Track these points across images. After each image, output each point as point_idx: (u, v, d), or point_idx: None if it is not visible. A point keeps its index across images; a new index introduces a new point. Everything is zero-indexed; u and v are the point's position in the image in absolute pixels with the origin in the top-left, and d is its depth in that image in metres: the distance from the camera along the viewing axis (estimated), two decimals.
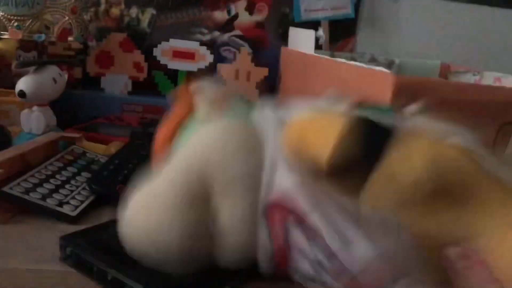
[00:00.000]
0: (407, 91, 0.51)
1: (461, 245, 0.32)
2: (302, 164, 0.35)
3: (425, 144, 0.32)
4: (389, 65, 0.95)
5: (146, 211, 0.37)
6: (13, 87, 0.65)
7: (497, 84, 0.87)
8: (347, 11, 0.94)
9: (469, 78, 0.92)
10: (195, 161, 0.37)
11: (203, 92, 0.43)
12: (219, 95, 0.43)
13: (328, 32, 0.94)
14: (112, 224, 0.45)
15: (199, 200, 0.36)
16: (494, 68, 0.89)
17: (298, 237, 0.34)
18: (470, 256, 0.32)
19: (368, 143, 0.32)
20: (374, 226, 0.32)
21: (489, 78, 0.88)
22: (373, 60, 0.94)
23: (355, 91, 0.59)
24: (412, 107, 0.39)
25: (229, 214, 0.36)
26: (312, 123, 0.37)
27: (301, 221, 0.33)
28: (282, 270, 0.37)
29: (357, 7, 0.99)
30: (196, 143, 0.39)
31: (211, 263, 0.38)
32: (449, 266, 0.32)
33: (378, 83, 0.53)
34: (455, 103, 0.52)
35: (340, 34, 1.00)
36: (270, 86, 0.94)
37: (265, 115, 0.40)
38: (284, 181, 0.35)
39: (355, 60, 0.92)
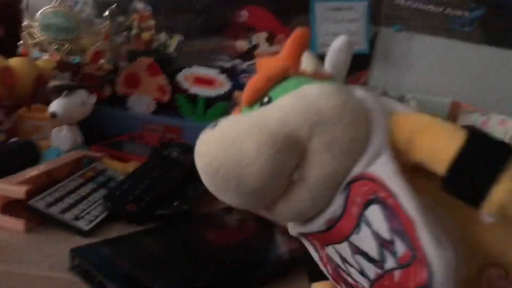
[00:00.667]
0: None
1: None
2: (403, 158, 0.36)
3: None
4: (400, 100, 0.99)
5: (235, 134, 0.37)
6: (48, 103, 0.73)
7: (502, 127, 0.90)
8: (362, 47, 0.99)
9: (477, 119, 0.96)
10: (309, 110, 0.37)
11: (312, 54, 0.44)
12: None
13: None
14: (119, 240, 0.52)
15: (297, 145, 0.37)
16: (503, 109, 0.92)
17: (376, 216, 0.34)
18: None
19: (487, 160, 0.32)
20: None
21: (495, 121, 0.91)
22: (384, 95, 0.99)
23: None
24: None
25: (316, 171, 0.37)
26: (431, 123, 0.36)
27: (391, 205, 0.33)
28: (333, 238, 0.38)
29: (372, 42, 1.04)
30: (313, 94, 0.38)
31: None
32: (486, 286, 0.35)
33: None
34: None
35: (355, 67, 1.05)
36: None
37: (374, 99, 0.39)
38: (389, 165, 0.35)
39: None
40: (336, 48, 0.46)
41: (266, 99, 0.41)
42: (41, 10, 0.84)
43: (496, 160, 0.31)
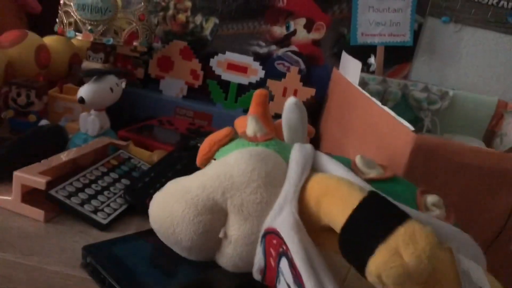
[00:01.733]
0: (425, 151, 0.51)
1: None
2: (309, 216, 0.39)
3: (429, 237, 0.33)
4: (442, 96, 0.94)
5: (167, 200, 0.46)
6: (81, 83, 0.73)
7: None
8: (406, 38, 0.94)
9: None
10: (223, 175, 0.43)
11: (256, 118, 0.48)
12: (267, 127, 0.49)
13: (383, 56, 0.94)
14: (134, 238, 0.52)
15: (216, 207, 0.43)
16: None
17: (284, 265, 0.38)
18: None
19: (378, 222, 0.35)
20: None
21: None
22: (426, 90, 0.93)
23: (380, 137, 0.60)
24: (431, 198, 0.43)
25: (237, 229, 0.43)
26: (335, 188, 0.39)
27: (290, 258, 0.37)
28: (270, 285, 0.42)
29: (416, 34, 0.98)
30: (230, 160, 0.43)
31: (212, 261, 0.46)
32: None
33: (401, 137, 0.54)
34: (475, 169, 0.52)
35: (396, 59, 1.00)
36: (318, 104, 0.96)
37: (297, 155, 0.44)
38: (287, 219, 0.39)
39: (407, 87, 0.92)
40: (286, 109, 0.49)
41: (212, 162, 0.47)
42: None
43: (377, 230, 0.33)
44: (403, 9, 0.92)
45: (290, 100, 0.49)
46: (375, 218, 0.35)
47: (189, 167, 0.65)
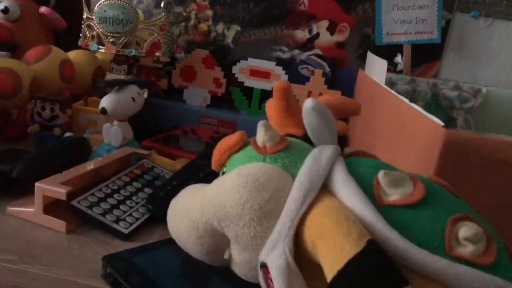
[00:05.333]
0: (457, 148, 0.48)
1: None
2: (305, 251, 0.36)
3: None
4: (475, 93, 0.90)
5: (176, 215, 0.45)
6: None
7: None
8: (433, 36, 0.90)
9: None
10: (217, 204, 0.40)
11: (265, 125, 0.44)
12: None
13: (410, 56, 0.91)
14: (155, 247, 0.51)
15: (216, 232, 0.41)
16: None
17: None
18: None
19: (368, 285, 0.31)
20: None
21: None
22: (457, 88, 0.90)
23: (409, 136, 0.57)
24: (464, 232, 0.35)
25: (238, 254, 0.41)
26: (331, 233, 0.35)
27: None
28: None
29: (444, 30, 0.95)
30: (225, 186, 0.40)
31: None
32: None
33: (431, 133, 0.51)
34: None
35: (424, 58, 0.96)
36: None
37: (303, 175, 0.39)
38: (277, 262, 0.35)
39: (437, 86, 0.89)
40: (304, 114, 0.44)
41: (224, 169, 0.45)
42: (98, 2, 0.84)
43: None
44: (429, 5, 0.89)
45: (307, 104, 0.43)
46: (365, 280, 0.31)
47: (212, 175, 0.64)
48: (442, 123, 0.50)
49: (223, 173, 0.45)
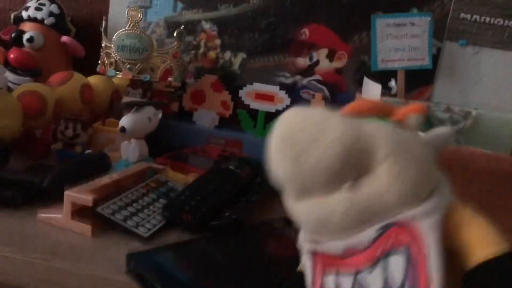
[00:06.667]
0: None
1: None
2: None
3: None
4: (465, 116, 0.96)
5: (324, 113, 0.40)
6: (121, 117, 0.80)
7: None
8: (425, 62, 0.98)
9: None
10: (396, 136, 0.40)
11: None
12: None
13: (404, 80, 0.98)
14: (172, 248, 0.56)
15: (365, 158, 0.38)
16: None
17: (396, 266, 0.36)
18: None
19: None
20: None
21: None
22: (448, 111, 0.96)
23: None
24: None
25: (365, 195, 0.38)
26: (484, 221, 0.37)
27: (416, 262, 0.35)
28: (343, 266, 0.39)
29: (436, 57, 1.02)
30: (385, 129, 0.40)
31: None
32: None
33: None
34: (493, 174, 0.55)
35: (418, 82, 1.04)
36: None
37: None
38: (431, 228, 0.35)
39: (429, 109, 0.95)
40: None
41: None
42: (117, 32, 0.92)
43: None
44: (420, 35, 0.96)
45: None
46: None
47: (221, 188, 0.71)
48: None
49: None
